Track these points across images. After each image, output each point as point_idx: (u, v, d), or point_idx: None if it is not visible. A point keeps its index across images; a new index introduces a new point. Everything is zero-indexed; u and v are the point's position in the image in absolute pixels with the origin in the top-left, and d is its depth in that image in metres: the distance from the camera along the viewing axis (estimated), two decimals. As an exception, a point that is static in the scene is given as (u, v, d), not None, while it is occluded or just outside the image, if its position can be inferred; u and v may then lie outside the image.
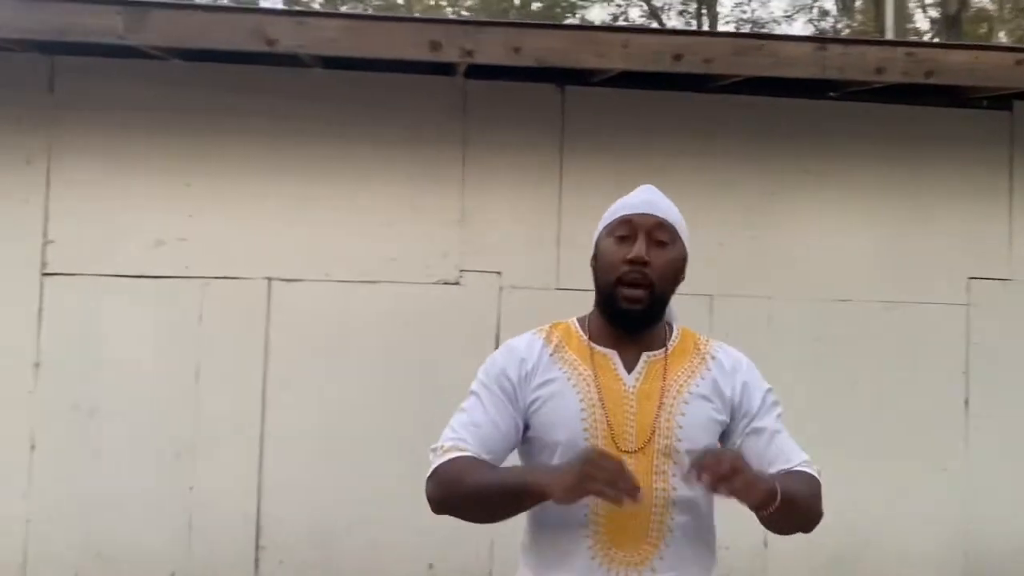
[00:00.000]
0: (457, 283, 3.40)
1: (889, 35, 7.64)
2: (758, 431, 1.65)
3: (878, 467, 3.55)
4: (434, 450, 1.59)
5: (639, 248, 1.59)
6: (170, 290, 3.29)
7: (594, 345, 1.65)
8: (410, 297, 3.37)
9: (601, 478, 1.35)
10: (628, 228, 1.62)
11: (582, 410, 1.59)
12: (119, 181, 3.29)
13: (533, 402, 1.61)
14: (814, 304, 3.58)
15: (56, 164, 3.27)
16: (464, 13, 18.86)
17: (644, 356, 1.64)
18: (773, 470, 1.60)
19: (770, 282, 3.56)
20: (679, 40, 2.97)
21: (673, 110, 3.53)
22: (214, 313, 3.30)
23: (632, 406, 1.59)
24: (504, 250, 3.41)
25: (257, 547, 3.28)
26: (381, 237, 3.37)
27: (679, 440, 1.57)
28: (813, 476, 1.64)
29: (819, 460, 3.38)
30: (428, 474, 1.57)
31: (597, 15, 19.62)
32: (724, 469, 1.39)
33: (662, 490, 1.57)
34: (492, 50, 2.90)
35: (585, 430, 1.57)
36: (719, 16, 19.35)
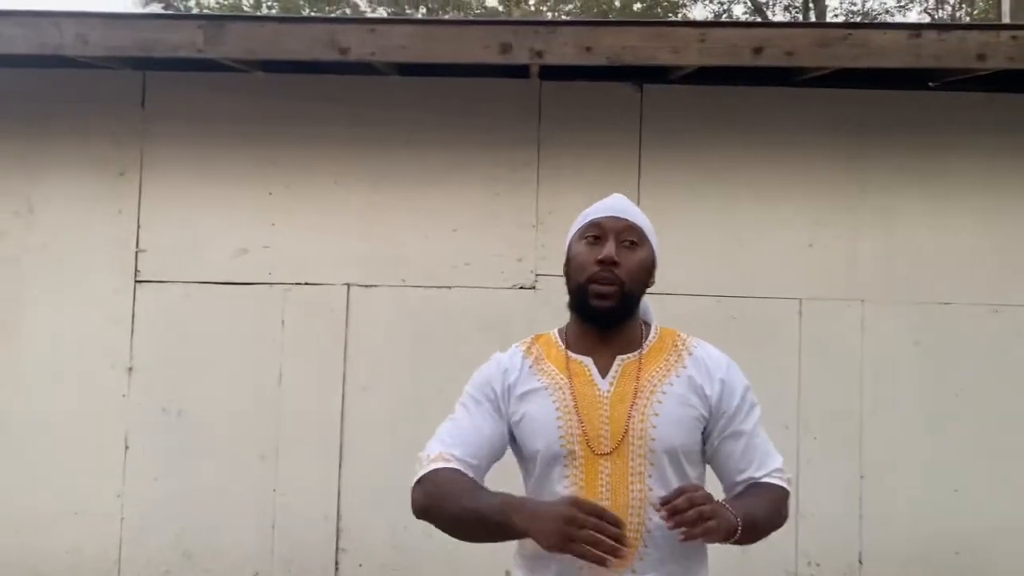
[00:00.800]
0: (533, 287, 3.36)
1: (1006, 20, 7.15)
2: (736, 435, 1.65)
3: (985, 478, 3.32)
4: (420, 458, 1.62)
5: (609, 248, 1.62)
6: (254, 296, 3.37)
7: (570, 353, 1.68)
8: (485, 302, 3.35)
9: (581, 538, 1.35)
10: (598, 230, 1.66)
11: (558, 418, 1.61)
12: (205, 191, 3.39)
13: (514, 413, 1.65)
14: (912, 308, 3.37)
15: (148, 176, 3.40)
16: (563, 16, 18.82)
17: (618, 360, 1.65)
18: (744, 476, 1.64)
19: (863, 285, 3.38)
20: (759, 32, 2.84)
21: (757, 106, 3.40)
22: (296, 318, 3.36)
23: (606, 410, 1.61)
24: (581, 254, 3.34)
25: (337, 549, 3.31)
26: (456, 242, 3.36)
27: (653, 439, 1.58)
28: (778, 486, 1.65)
29: (920, 471, 3.20)
30: (415, 480, 1.60)
31: (700, 13, 19.27)
32: (689, 518, 1.41)
33: (639, 491, 1.58)
34: (563, 50, 2.85)
35: (561, 437, 1.60)
36: (827, 9, 18.68)
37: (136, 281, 3.37)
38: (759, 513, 1.55)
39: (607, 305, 1.61)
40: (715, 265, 3.39)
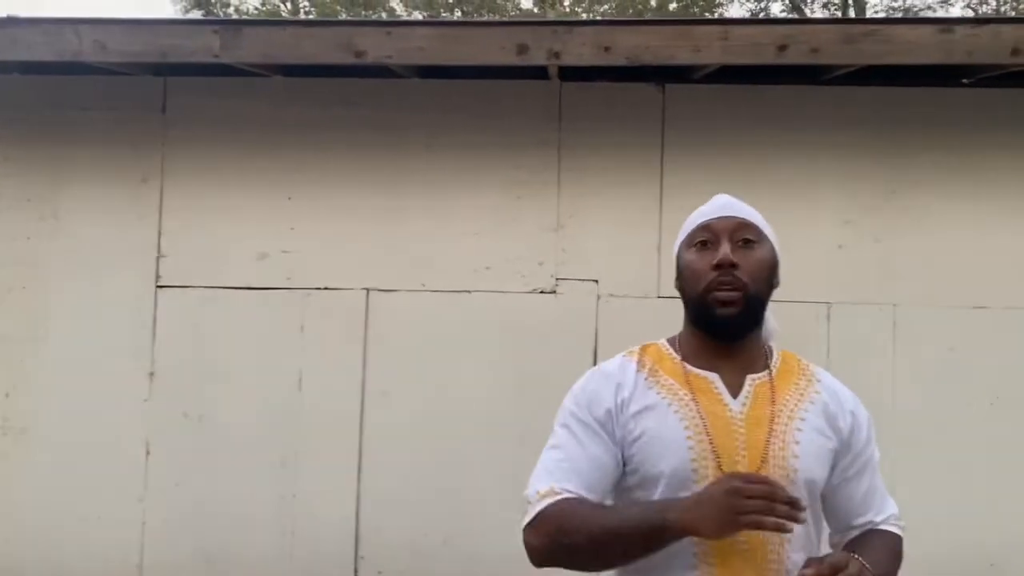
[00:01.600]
0: (553, 292, 3.31)
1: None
2: (859, 474, 1.54)
3: (1021, 490, 3.20)
4: (529, 497, 1.45)
5: (724, 251, 1.47)
6: (274, 301, 3.36)
7: (690, 367, 1.51)
8: (506, 306, 3.30)
9: (753, 508, 1.23)
10: (709, 234, 1.51)
11: (687, 437, 1.44)
12: (225, 197, 3.39)
13: (631, 431, 1.47)
14: (946, 311, 3.26)
15: (168, 182, 3.41)
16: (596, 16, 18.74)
17: (749, 379, 1.50)
18: (863, 520, 1.55)
19: (895, 288, 3.28)
20: (782, 30, 2.77)
21: (782, 104, 3.32)
22: (315, 323, 3.35)
23: (741, 433, 1.45)
24: (602, 257, 3.30)
25: (356, 556, 3.29)
26: (476, 246, 3.32)
27: (795, 470, 1.43)
28: (897, 536, 1.56)
29: (954, 480, 3.10)
30: (527, 521, 1.43)
31: (736, 12, 19.09)
32: None
33: None
34: (581, 50, 2.80)
35: (692, 460, 1.42)
36: (867, 5, 18.35)
37: (157, 286, 3.38)
38: (884, 567, 1.46)
39: (733, 312, 1.45)
40: (740, 268, 3.31)
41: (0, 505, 3.33)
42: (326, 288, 3.35)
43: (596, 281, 3.30)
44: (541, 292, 3.32)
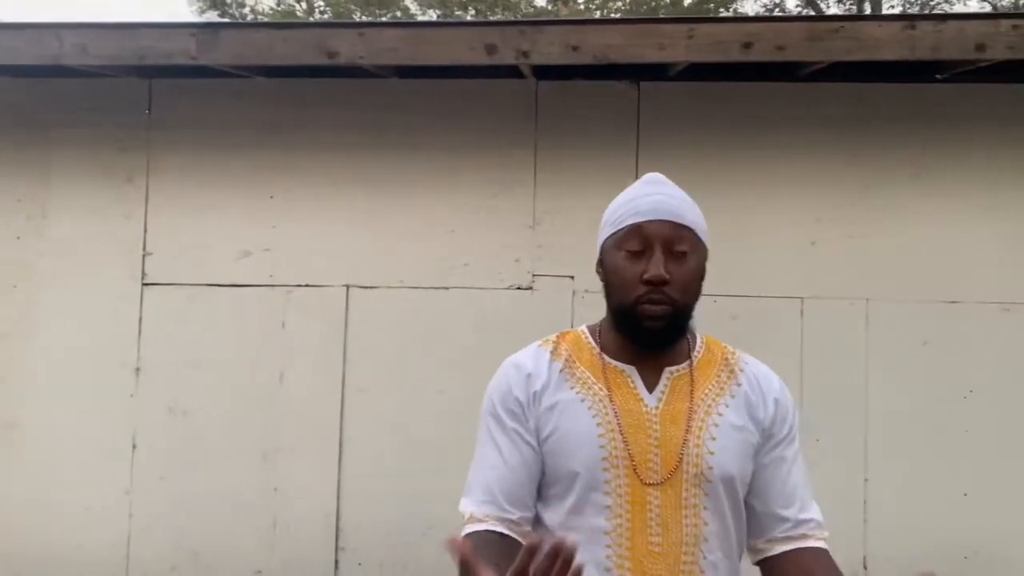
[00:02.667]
0: (530, 288, 3.36)
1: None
2: (779, 461, 1.45)
3: (996, 481, 3.22)
4: (461, 511, 1.43)
5: (656, 267, 1.38)
6: (256, 298, 3.43)
7: (608, 359, 1.46)
8: (483, 302, 3.35)
9: None
10: (641, 240, 1.41)
11: (599, 435, 1.39)
12: (209, 195, 3.46)
13: (543, 427, 1.42)
14: (919, 306, 3.28)
15: (154, 181, 3.48)
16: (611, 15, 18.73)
17: (666, 372, 1.44)
18: (786, 514, 1.44)
19: (868, 282, 3.30)
20: (748, 27, 2.80)
21: (757, 102, 3.35)
22: (296, 320, 3.41)
23: (655, 430, 1.40)
24: (578, 254, 3.34)
25: (337, 548, 3.35)
26: (453, 243, 3.38)
27: (710, 468, 1.39)
28: (830, 557, 1.45)
29: (927, 474, 3.12)
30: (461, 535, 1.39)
31: (751, 8, 19.00)
32: None
33: (693, 525, 1.38)
34: (549, 49, 2.84)
35: (604, 459, 1.38)
36: (883, 1, 18.20)
37: (143, 284, 3.45)
38: None
39: (659, 326, 1.39)
40: (714, 264, 3.31)
41: (-9, 497, 3.42)
42: (307, 285, 3.42)
43: (572, 277, 3.34)
44: (518, 288, 3.37)
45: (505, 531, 1.39)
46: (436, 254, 3.39)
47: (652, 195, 1.46)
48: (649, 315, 1.39)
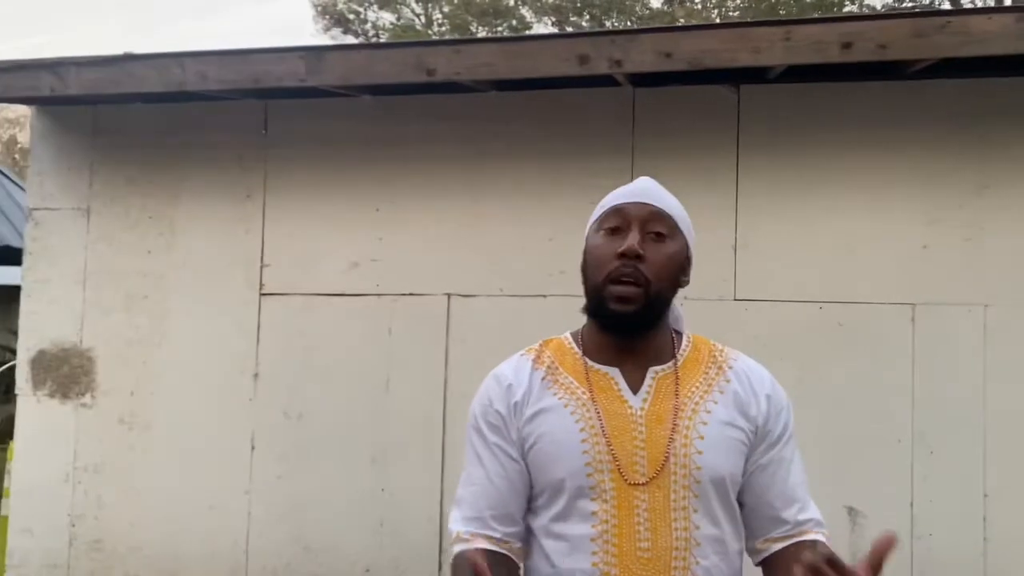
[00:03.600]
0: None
1: None
2: (777, 461, 1.41)
3: None
4: (450, 531, 1.46)
5: (632, 240, 1.37)
6: (364, 307, 3.57)
7: (591, 362, 1.44)
8: (580, 309, 3.37)
9: None
10: (620, 219, 1.42)
11: (583, 440, 1.37)
12: (320, 209, 3.63)
13: (527, 437, 1.41)
14: (1044, 312, 3.10)
15: (270, 197, 3.68)
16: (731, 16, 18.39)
17: (651, 372, 1.41)
18: (786, 515, 1.40)
19: (986, 287, 3.14)
20: (847, 27, 2.72)
21: (863, 101, 3.24)
22: (401, 328, 3.54)
23: (640, 431, 1.36)
24: (676, 261, 3.31)
25: (440, 550, 3.45)
26: (550, 251, 3.42)
27: (698, 468, 1.35)
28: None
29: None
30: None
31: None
32: None
33: (683, 528, 1.35)
34: (641, 57, 2.85)
35: (587, 464, 1.36)
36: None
37: (261, 294, 3.66)
38: None
39: (629, 309, 1.37)
40: (820, 270, 3.26)
41: (127, 492, 3.69)
42: (411, 294, 3.54)
43: (670, 284, 3.32)
44: (615, 296, 3.37)
45: (493, 548, 1.39)
46: (534, 262, 3.44)
47: (636, 184, 1.51)
48: (618, 296, 1.37)
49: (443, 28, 21.16)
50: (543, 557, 1.39)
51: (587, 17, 20.13)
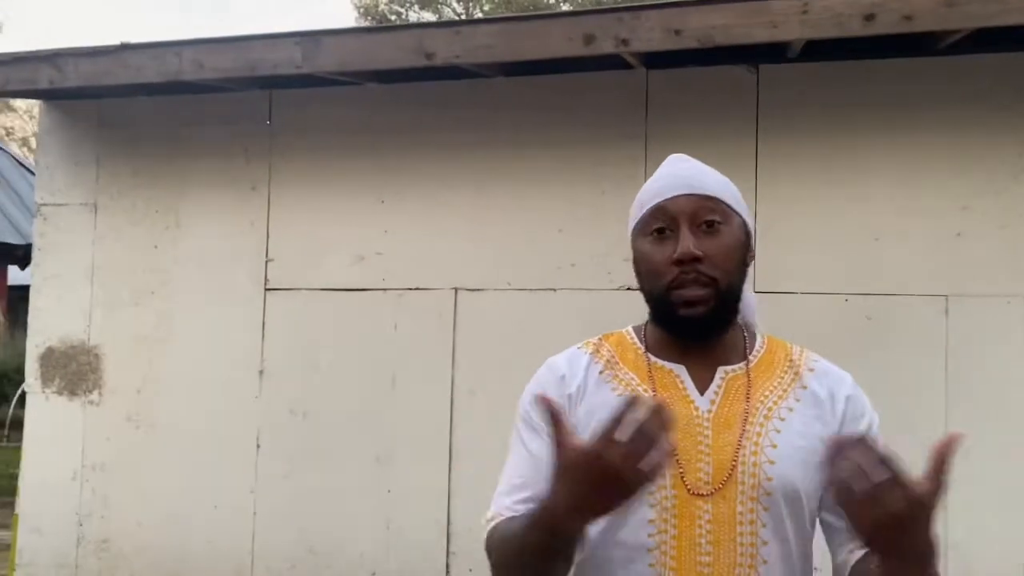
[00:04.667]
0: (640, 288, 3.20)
1: None
2: None
3: None
4: (486, 519, 1.36)
5: (684, 244, 1.26)
6: (369, 301, 3.47)
7: (654, 358, 1.33)
8: (591, 303, 3.23)
9: (612, 458, 0.98)
10: (665, 219, 1.30)
11: None
12: (325, 201, 3.53)
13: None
14: (1089, 303, 2.87)
15: (275, 189, 3.59)
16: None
17: (720, 372, 1.31)
18: None
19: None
20: (869, -2, 2.54)
21: (890, 79, 3.04)
22: (407, 323, 3.42)
23: (706, 436, 1.26)
24: (691, 251, 3.15)
25: (448, 553, 3.33)
26: (560, 243, 3.28)
27: (769, 479, 1.24)
28: None
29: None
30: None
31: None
32: (895, 508, 0.99)
33: (749, 544, 1.24)
34: (649, 35, 2.70)
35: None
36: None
37: (266, 289, 3.57)
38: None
39: (700, 312, 1.26)
40: (846, 259, 3.07)
41: (133, 491, 3.63)
42: (416, 288, 3.42)
43: (685, 276, 3.15)
44: (628, 289, 3.21)
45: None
46: (543, 255, 3.30)
47: (670, 173, 1.37)
48: (685, 300, 1.26)
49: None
50: (596, 565, 1.27)
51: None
